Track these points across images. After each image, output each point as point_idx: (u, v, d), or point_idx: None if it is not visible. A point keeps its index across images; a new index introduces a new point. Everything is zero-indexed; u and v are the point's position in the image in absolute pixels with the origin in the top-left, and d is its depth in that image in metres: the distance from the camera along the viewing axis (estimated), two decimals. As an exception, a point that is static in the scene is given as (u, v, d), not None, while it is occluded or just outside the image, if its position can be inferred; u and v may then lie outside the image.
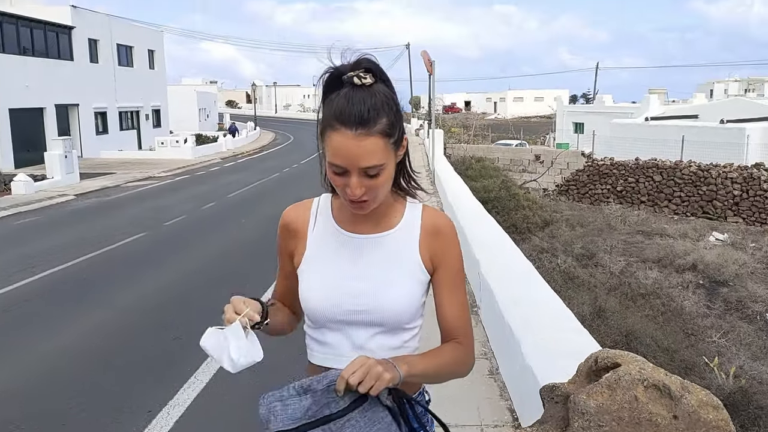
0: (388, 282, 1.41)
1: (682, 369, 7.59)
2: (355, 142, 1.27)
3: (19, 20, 23.82)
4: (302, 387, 1.25)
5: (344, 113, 1.27)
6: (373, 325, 1.41)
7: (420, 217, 1.47)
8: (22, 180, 16.58)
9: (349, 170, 1.29)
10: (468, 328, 1.49)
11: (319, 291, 1.42)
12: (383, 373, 1.21)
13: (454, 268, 1.46)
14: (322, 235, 1.47)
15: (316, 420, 1.22)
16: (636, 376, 2.33)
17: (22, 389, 4.61)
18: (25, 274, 8.04)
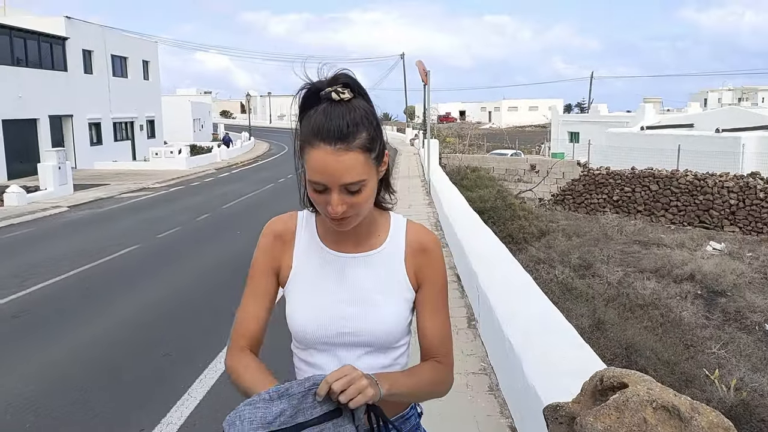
0: (377, 303, 1.38)
1: (683, 382, 7.50)
2: (334, 158, 1.23)
3: (12, 31, 23.75)
4: (278, 391, 1.18)
5: (323, 129, 1.24)
6: (361, 346, 1.38)
7: (405, 233, 1.44)
8: (14, 192, 16.43)
9: (330, 187, 1.26)
10: (449, 347, 1.46)
11: (306, 312, 1.38)
12: (367, 388, 1.17)
13: (438, 285, 1.44)
14: (307, 252, 1.43)
15: (287, 427, 1.15)
16: (644, 397, 2.22)
17: (10, 407, 4.47)
18: (15, 288, 7.91)
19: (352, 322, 1.37)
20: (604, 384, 2.32)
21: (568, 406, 2.41)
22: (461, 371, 4.60)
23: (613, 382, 2.26)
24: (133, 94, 33.16)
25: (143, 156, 31.81)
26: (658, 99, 36.48)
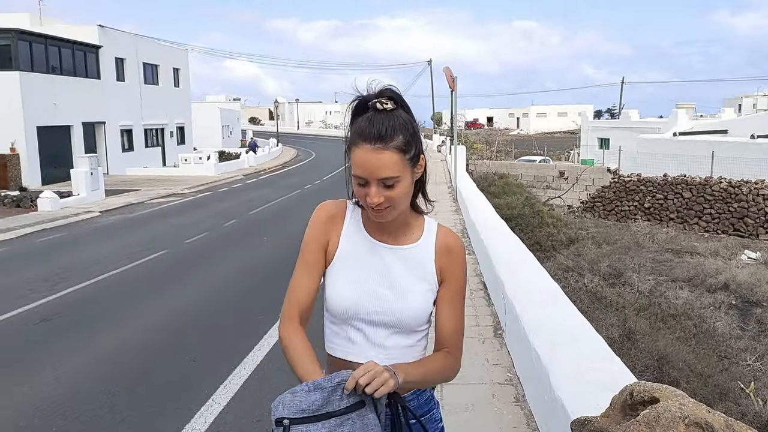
0: (409, 291, 1.59)
1: (717, 394, 7.28)
2: (373, 155, 1.46)
3: (47, 39, 24.33)
4: (314, 384, 1.40)
5: (365, 131, 1.48)
6: (391, 326, 1.59)
7: (435, 234, 1.66)
8: (48, 197, 16.79)
9: (369, 180, 1.49)
10: (460, 340, 1.68)
11: (347, 291, 1.58)
12: (389, 380, 1.38)
13: (458, 284, 1.66)
14: (353, 237, 1.63)
15: (319, 414, 1.37)
16: (676, 413, 2.12)
17: (39, 408, 4.53)
18: (47, 291, 8.04)
19: (385, 303, 1.58)
20: (634, 398, 2.24)
21: (597, 421, 2.33)
22: (486, 381, 4.52)
23: (643, 396, 2.18)
24: (163, 101, 33.70)
25: (173, 162, 32.27)
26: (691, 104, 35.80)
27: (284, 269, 9.81)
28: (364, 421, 1.41)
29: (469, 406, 4.10)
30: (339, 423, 1.38)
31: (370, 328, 1.59)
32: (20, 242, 12.28)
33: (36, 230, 13.70)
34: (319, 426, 1.37)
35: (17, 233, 13.19)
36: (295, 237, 14.55)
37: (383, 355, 1.59)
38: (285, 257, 9.96)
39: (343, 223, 1.64)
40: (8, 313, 7.06)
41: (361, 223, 1.64)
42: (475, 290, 7.22)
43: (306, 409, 1.37)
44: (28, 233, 13.33)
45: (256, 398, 4.66)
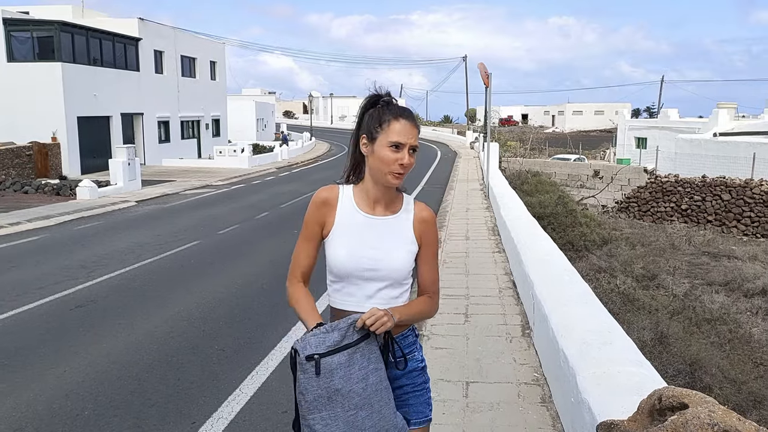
0: (393, 250, 2.04)
1: (751, 402, 7.09)
2: (410, 129, 2.01)
3: (89, 32, 24.87)
4: (331, 326, 1.89)
5: (404, 113, 2.03)
6: (381, 280, 2.03)
7: (413, 207, 2.13)
8: (87, 186, 17.19)
9: (404, 145, 1.98)
10: (437, 287, 2.17)
11: (345, 254, 2.02)
12: (387, 321, 1.89)
13: (433, 246, 2.14)
14: (347, 213, 2.07)
15: (339, 347, 1.86)
16: (705, 420, 2.08)
17: (70, 393, 4.65)
18: (83, 278, 8.24)
19: (375, 261, 2.02)
20: (662, 403, 2.19)
21: (623, 425, 2.30)
22: (513, 380, 4.49)
23: (672, 401, 2.13)
24: (200, 93, 34.18)
25: (208, 154, 32.75)
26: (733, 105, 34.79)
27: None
28: (370, 348, 1.92)
29: (495, 405, 4.07)
30: (353, 351, 1.87)
31: (364, 282, 2.03)
32: (59, 229, 12.60)
33: (74, 218, 14.04)
34: (340, 355, 1.85)
35: (56, 221, 13.54)
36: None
37: (375, 303, 2.02)
38: (315, 250, 10.03)
39: (337, 202, 2.09)
40: (46, 298, 7.26)
41: (353, 201, 2.09)
42: (504, 288, 7.16)
43: (330, 345, 1.85)
44: (66, 221, 13.67)
45: (282, 390, 4.70)
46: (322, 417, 1.85)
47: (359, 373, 1.88)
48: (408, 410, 2.11)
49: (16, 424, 4.18)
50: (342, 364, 1.85)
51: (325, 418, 1.85)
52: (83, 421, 4.22)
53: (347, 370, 1.86)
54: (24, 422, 4.21)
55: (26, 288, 7.75)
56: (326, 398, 1.84)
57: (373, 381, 1.90)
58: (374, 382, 1.91)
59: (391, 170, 1.98)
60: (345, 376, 1.85)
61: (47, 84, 22.63)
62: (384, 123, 1.99)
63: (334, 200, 2.09)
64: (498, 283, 7.44)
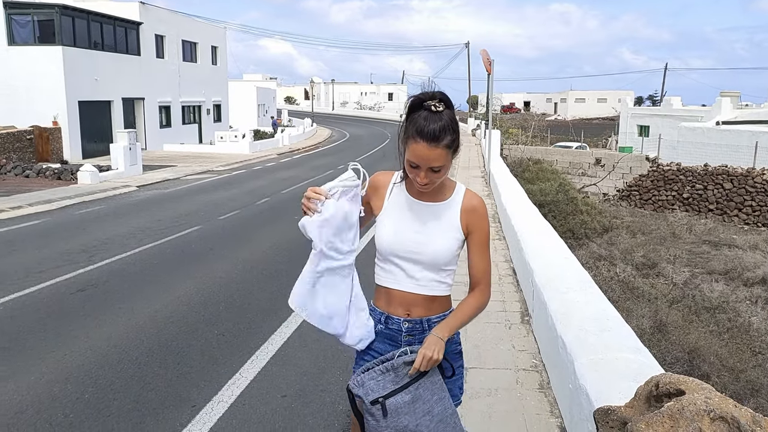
0: (436, 236, 2.08)
1: (748, 390, 7.13)
2: (428, 151, 1.94)
3: (90, 15, 24.73)
4: (385, 368, 1.92)
5: (423, 131, 1.93)
6: (421, 263, 2.09)
7: (462, 196, 2.14)
8: (88, 170, 17.17)
9: (421, 167, 1.97)
10: (488, 277, 2.16)
11: (391, 235, 2.10)
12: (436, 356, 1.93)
13: (482, 235, 2.13)
14: (397, 198, 2.15)
15: (401, 386, 1.89)
16: (702, 407, 2.08)
17: (71, 377, 4.67)
18: (84, 262, 8.26)
19: (418, 245, 2.08)
20: (659, 390, 2.20)
21: (620, 411, 2.30)
22: (511, 367, 4.51)
23: (669, 388, 2.14)
24: (201, 78, 34.05)
25: (209, 139, 32.68)
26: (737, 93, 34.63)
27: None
28: (432, 380, 1.95)
29: (493, 391, 4.09)
30: (416, 387, 1.91)
31: (406, 263, 2.10)
32: (60, 214, 12.61)
33: (75, 202, 14.05)
34: (403, 394, 1.90)
35: (58, 205, 13.55)
36: (326, 217, 14.51)
37: (415, 284, 2.11)
38: (315, 236, 10.03)
39: (387, 188, 2.16)
40: (47, 282, 7.28)
41: (404, 186, 2.16)
42: (504, 276, 7.17)
43: (390, 386, 1.90)
44: (68, 205, 13.68)
45: (282, 374, 4.73)
46: None
47: (424, 407, 1.91)
48: None
49: (17, 407, 4.21)
50: (407, 402, 1.89)
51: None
52: (83, 405, 4.25)
53: (412, 406, 1.90)
54: (25, 405, 4.24)
55: (27, 272, 7.77)
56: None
57: (438, 411, 1.95)
58: (439, 411, 1.95)
59: (415, 182, 2.04)
60: (410, 412, 1.89)
61: (48, 68, 22.54)
62: (408, 139, 1.98)
63: (384, 185, 2.17)
64: (498, 270, 7.45)
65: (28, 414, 4.12)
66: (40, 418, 4.05)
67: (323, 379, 4.66)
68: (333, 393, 4.40)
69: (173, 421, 4.01)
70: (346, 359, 4.95)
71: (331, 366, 4.92)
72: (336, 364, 4.93)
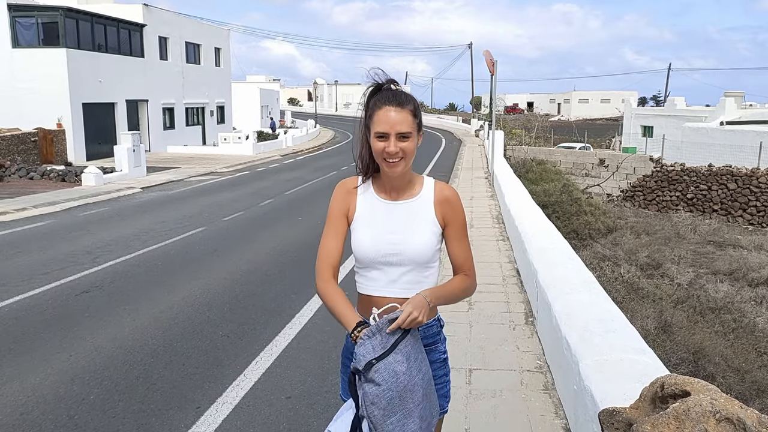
0: (412, 233, 2.02)
1: (754, 391, 7.11)
2: (395, 113, 1.94)
3: (93, 17, 24.80)
4: (370, 331, 1.87)
5: (388, 97, 1.96)
6: (403, 265, 2.02)
7: (433, 188, 2.09)
8: (92, 172, 17.21)
9: (389, 134, 1.93)
10: (471, 265, 2.12)
11: (367, 241, 2.03)
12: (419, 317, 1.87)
13: (459, 224, 2.10)
14: (367, 201, 2.08)
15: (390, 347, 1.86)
16: (707, 408, 2.07)
17: (76, 378, 4.69)
18: (89, 264, 8.28)
19: (396, 246, 2.01)
20: (665, 391, 2.19)
21: (626, 412, 2.30)
22: (516, 368, 4.50)
23: (674, 389, 2.13)
24: (204, 80, 34.10)
25: (212, 141, 32.72)
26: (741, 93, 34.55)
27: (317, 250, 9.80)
28: (415, 337, 1.95)
29: (497, 392, 4.09)
30: (404, 345, 1.89)
31: (387, 267, 2.03)
32: (65, 215, 12.64)
33: (80, 204, 14.08)
34: (395, 354, 1.87)
35: (62, 207, 13.58)
36: (329, 218, 14.55)
37: (399, 288, 2.05)
38: (320, 237, 10.04)
39: (356, 192, 2.10)
40: (51, 284, 7.29)
41: (371, 189, 2.10)
42: (508, 276, 7.16)
43: (378, 349, 1.85)
44: (72, 207, 13.71)
45: (287, 376, 4.73)
46: (398, 419, 1.88)
47: (416, 365, 1.92)
48: None
49: (22, 408, 4.22)
50: (400, 361, 1.88)
51: (401, 419, 1.88)
52: (88, 406, 4.26)
53: (406, 365, 1.89)
54: (30, 406, 4.25)
55: (32, 273, 7.80)
56: (398, 398, 1.87)
57: (425, 368, 1.96)
58: (426, 369, 1.97)
59: (383, 159, 1.97)
60: (407, 372, 1.89)
61: (52, 70, 22.61)
62: (372, 114, 1.97)
63: (354, 188, 2.12)
64: (502, 271, 7.44)
65: (34, 415, 4.13)
66: (45, 419, 4.06)
67: (328, 380, 4.66)
68: (337, 394, 4.39)
69: (178, 422, 4.01)
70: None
71: (336, 367, 4.91)
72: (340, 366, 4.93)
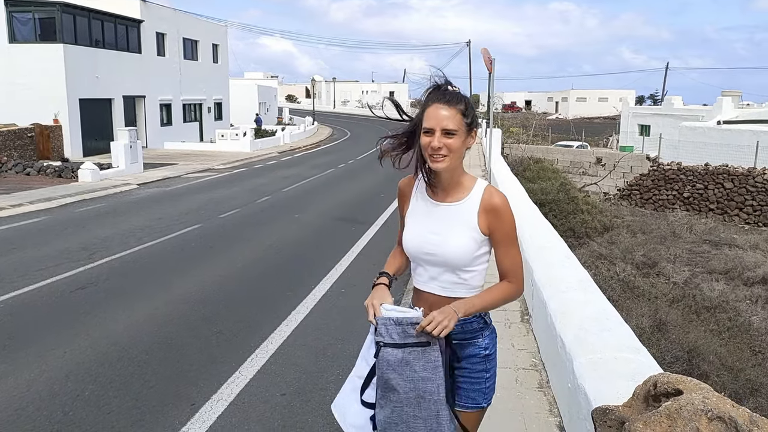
0: (451, 236, 2.08)
1: (748, 389, 7.13)
2: (442, 110, 2.00)
3: (91, 13, 24.71)
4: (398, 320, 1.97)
5: (437, 96, 2.04)
6: (439, 265, 2.11)
7: (482, 194, 2.11)
8: (88, 168, 17.18)
9: (435, 129, 2.00)
10: (518, 271, 2.15)
11: (411, 238, 2.16)
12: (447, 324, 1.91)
13: (505, 232, 2.11)
14: (417, 200, 2.20)
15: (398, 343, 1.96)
16: (699, 407, 2.08)
17: (71, 374, 4.68)
18: (84, 260, 8.27)
19: (434, 246, 2.11)
20: (657, 389, 2.20)
21: (618, 410, 2.31)
22: (511, 366, 4.51)
23: (667, 388, 2.14)
24: (202, 76, 34.02)
25: (210, 137, 32.66)
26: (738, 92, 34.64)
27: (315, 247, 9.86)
28: (427, 356, 1.97)
29: (492, 389, 4.09)
30: (408, 352, 1.95)
31: (427, 265, 2.14)
32: (61, 212, 12.62)
33: (76, 200, 14.05)
34: (396, 351, 1.96)
35: (58, 203, 13.56)
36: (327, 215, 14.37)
37: (438, 286, 2.14)
38: (317, 234, 10.04)
39: (412, 191, 2.22)
40: (47, 280, 7.28)
41: (424, 189, 2.18)
42: (504, 275, 7.17)
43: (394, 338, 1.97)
44: (68, 203, 13.69)
45: (282, 373, 4.73)
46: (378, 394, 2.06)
47: (410, 374, 1.97)
48: (459, 393, 2.18)
49: (17, 404, 4.21)
50: (397, 360, 1.97)
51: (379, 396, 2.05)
52: (83, 402, 4.26)
53: (399, 366, 1.97)
54: (25, 402, 4.25)
55: (27, 269, 7.78)
56: (383, 382, 2.01)
57: (422, 388, 1.98)
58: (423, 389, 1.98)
59: (429, 154, 2.04)
60: (396, 370, 1.97)
61: (49, 65, 22.53)
62: (424, 110, 2.05)
63: (409, 189, 2.23)
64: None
65: (29, 411, 4.12)
66: (40, 415, 4.06)
67: (323, 377, 4.67)
68: (333, 391, 4.40)
69: (173, 419, 4.02)
70: (346, 358, 4.96)
71: (331, 365, 4.92)
72: (336, 363, 4.94)
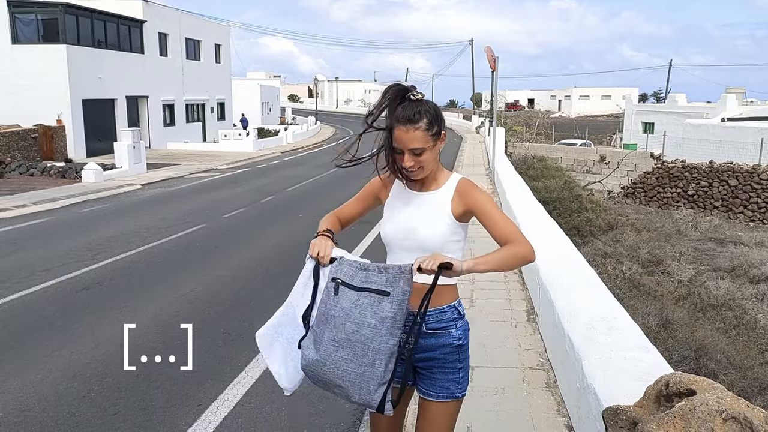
0: (427, 223, 2.17)
1: (756, 388, 7.10)
2: (405, 134, 2.10)
3: (93, 14, 24.73)
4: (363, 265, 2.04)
5: (400, 117, 2.11)
6: (418, 250, 2.14)
7: (455, 184, 2.22)
8: (92, 169, 17.20)
9: (404, 150, 2.11)
10: (516, 233, 2.10)
11: (387, 227, 2.26)
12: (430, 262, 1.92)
13: (483, 206, 2.16)
14: (397, 191, 2.30)
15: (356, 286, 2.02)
16: (713, 407, 2.05)
17: (77, 375, 4.67)
18: (89, 261, 8.27)
19: (410, 232, 2.19)
20: (669, 389, 2.17)
21: (630, 410, 2.28)
22: (518, 365, 4.49)
23: (679, 387, 2.11)
24: (205, 76, 34.04)
25: (213, 137, 32.67)
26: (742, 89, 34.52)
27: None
28: (382, 305, 1.97)
29: (499, 389, 4.07)
30: (364, 296, 1.99)
31: (404, 252, 2.20)
32: (65, 212, 12.63)
33: (80, 201, 14.07)
34: (353, 293, 2.01)
35: (62, 203, 13.57)
36: (330, 215, 14.40)
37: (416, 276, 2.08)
38: (320, 234, 10.01)
39: (391, 183, 2.31)
40: (52, 281, 7.28)
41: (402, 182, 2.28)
42: (509, 274, 7.15)
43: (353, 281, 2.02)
44: (72, 204, 13.70)
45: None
46: (313, 331, 2.10)
47: (357, 318, 1.98)
48: (433, 383, 2.20)
49: (23, 405, 4.21)
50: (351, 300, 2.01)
51: (315, 333, 2.08)
52: (89, 403, 4.24)
53: (349, 308, 2.00)
54: (31, 403, 4.24)
55: (32, 270, 7.78)
56: (325, 317, 2.05)
57: (366, 333, 1.97)
58: (368, 335, 1.96)
59: (402, 168, 2.16)
60: (345, 309, 2.00)
61: (52, 66, 22.56)
62: (392, 126, 2.12)
63: (391, 181, 2.32)
64: (503, 268, 7.42)
65: (35, 412, 4.12)
66: (46, 416, 4.05)
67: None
68: (339, 391, 4.39)
69: (179, 420, 4.00)
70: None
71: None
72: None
